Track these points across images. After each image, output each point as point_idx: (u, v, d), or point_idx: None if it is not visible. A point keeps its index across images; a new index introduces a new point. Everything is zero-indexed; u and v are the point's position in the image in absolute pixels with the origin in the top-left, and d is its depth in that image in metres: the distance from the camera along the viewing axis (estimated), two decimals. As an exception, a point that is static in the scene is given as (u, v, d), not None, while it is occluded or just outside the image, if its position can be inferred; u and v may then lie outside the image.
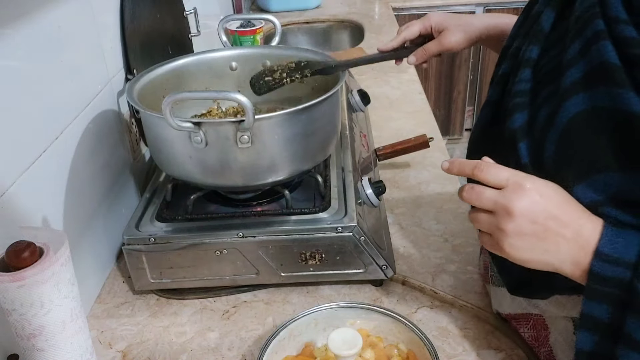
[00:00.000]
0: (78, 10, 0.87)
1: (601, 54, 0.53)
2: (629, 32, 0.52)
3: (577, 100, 0.55)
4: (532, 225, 0.54)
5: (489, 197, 0.57)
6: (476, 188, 0.58)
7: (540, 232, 0.54)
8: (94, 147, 0.90)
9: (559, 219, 0.54)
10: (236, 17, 1.74)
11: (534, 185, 0.55)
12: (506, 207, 0.55)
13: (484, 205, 0.57)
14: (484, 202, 0.57)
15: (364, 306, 0.75)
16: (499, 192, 0.56)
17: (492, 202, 0.56)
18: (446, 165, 0.61)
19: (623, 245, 0.51)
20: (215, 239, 0.82)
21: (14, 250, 0.58)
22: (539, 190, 0.55)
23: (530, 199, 0.54)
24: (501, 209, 0.55)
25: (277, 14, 2.28)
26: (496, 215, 0.56)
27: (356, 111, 1.17)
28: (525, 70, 0.63)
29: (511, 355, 0.75)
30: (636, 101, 0.50)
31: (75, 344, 0.64)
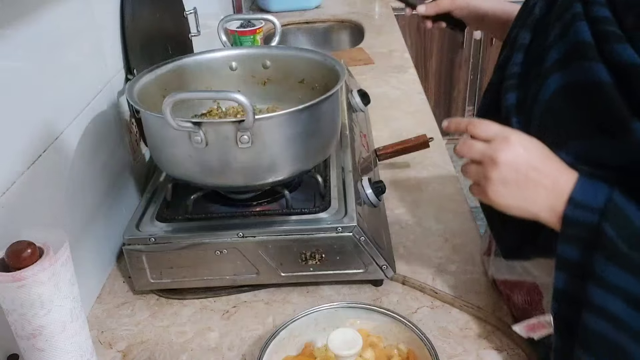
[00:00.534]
0: (78, 10, 0.87)
1: (577, 34, 0.59)
2: (603, 12, 0.57)
3: (556, 77, 0.61)
4: (514, 174, 0.60)
5: (478, 149, 0.62)
6: (468, 141, 0.64)
7: (521, 180, 0.60)
8: (94, 147, 0.90)
9: (539, 170, 0.60)
10: (236, 17, 1.74)
11: (519, 139, 0.61)
12: (492, 157, 0.61)
13: (473, 155, 0.63)
14: (473, 153, 0.63)
15: (364, 306, 0.75)
16: (487, 144, 0.62)
17: (480, 153, 0.62)
18: (445, 124, 0.68)
19: (593, 193, 0.57)
20: (216, 239, 0.82)
21: (14, 250, 0.58)
22: (523, 144, 0.61)
23: (514, 151, 0.60)
24: (488, 159, 0.61)
25: (277, 14, 2.28)
26: (483, 165, 0.62)
27: (356, 111, 1.17)
28: (518, 55, 0.70)
29: (512, 355, 0.75)
30: (603, 72, 0.56)
31: (75, 344, 0.64)
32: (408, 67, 1.77)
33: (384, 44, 2.01)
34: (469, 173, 0.65)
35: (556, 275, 0.59)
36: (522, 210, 0.61)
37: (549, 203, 0.59)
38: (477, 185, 0.64)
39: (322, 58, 0.96)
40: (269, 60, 1.02)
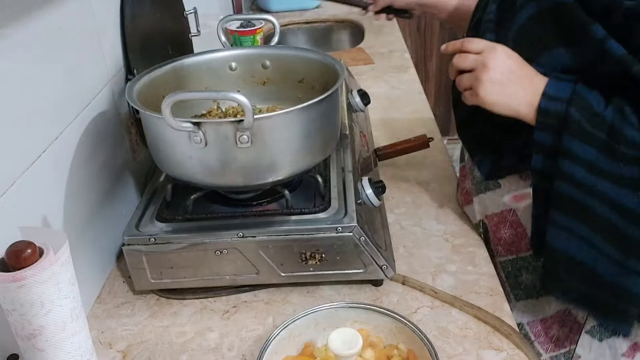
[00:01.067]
0: (78, 10, 0.87)
1: None
2: None
3: (529, 8, 0.77)
4: (500, 75, 0.74)
5: (471, 58, 0.77)
6: (462, 55, 0.78)
7: (506, 80, 0.74)
8: (94, 147, 0.90)
9: (519, 73, 0.75)
10: (236, 17, 1.74)
11: (503, 49, 0.76)
12: (483, 63, 0.75)
13: (467, 64, 0.77)
14: (467, 62, 0.77)
15: (364, 306, 0.75)
16: (479, 55, 0.77)
17: (473, 61, 0.77)
18: (443, 47, 0.82)
19: (562, 88, 0.72)
20: (215, 239, 0.82)
21: (14, 250, 0.58)
22: (507, 53, 0.76)
23: (500, 57, 0.75)
24: (479, 65, 0.76)
25: (277, 14, 2.28)
26: (476, 71, 0.76)
27: (356, 111, 1.17)
28: (491, 6, 0.86)
29: (512, 355, 0.75)
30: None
31: (76, 344, 0.64)
32: (408, 67, 1.77)
33: (384, 44, 2.01)
34: (462, 81, 0.78)
35: (534, 158, 0.74)
36: (506, 107, 0.75)
37: (528, 99, 0.74)
38: (470, 90, 0.77)
39: (321, 58, 0.96)
40: (269, 60, 1.02)
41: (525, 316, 0.90)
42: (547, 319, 0.88)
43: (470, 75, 0.77)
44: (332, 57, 0.95)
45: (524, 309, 0.90)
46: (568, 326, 0.86)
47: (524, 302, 0.90)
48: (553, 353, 0.88)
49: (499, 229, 0.92)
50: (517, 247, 0.90)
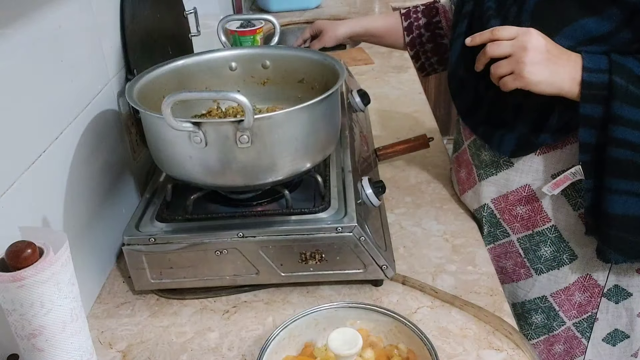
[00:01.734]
0: (78, 10, 0.87)
1: None
2: None
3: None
4: (541, 55, 0.76)
5: (507, 44, 0.78)
6: (496, 43, 0.79)
7: (546, 59, 0.76)
8: (94, 147, 0.90)
9: (556, 51, 0.77)
10: (236, 17, 1.73)
11: (535, 30, 0.78)
12: (522, 46, 0.77)
13: (504, 50, 0.78)
14: (503, 49, 0.79)
15: (364, 306, 0.75)
16: (513, 40, 0.78)
17: (510, 46, 0.78)
18: (469, 40, 0.83)
19: (598, 60, 0.76)
20: (215, 239, 0.82)
21: (14, 250, 0.58)
22: (538, 33, 0.77)
23: (537, 38, 0.77)
24: (518, 48, 0.77)
25: (277, 14, 2.28)
26: (514, 55, 0.77)
27: (356, 111, 1.17)
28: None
29: (512, 355, 0.75)
30: None
31: (75, 344, 0.64)
32: (408, 67, 1.77)
33: (384, 44, 2.00)
34: (501, 67, 0.79)
35: (581, 132, 0.77)
36: (550, 85, 0.77)
37: (570, 75, 0.76)
38: (511, 74, 0.78)
39: (321, 58, 0.96)
40: (269, 60, 1.02)
41: (548, 288, 0.94)
42: (569, 287, 0.93)
43: (509, 60, 0.78)
44: (332, 57, 0.95)
45: (546, 282, 0.94)
46: (589, 291, 0.90)
47: (546, 275, 0.94)
48: (576, 319, 0.94)
49: (514, 206, 0.94)
50: (534, 222, 0.93)
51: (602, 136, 0.76)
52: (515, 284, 0.98)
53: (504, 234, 0.97)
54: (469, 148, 1.01)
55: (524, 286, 0.97)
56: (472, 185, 1.01)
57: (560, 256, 0.92)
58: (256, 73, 1.03)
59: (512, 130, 0.87)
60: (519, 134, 0.87)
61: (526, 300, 0.98)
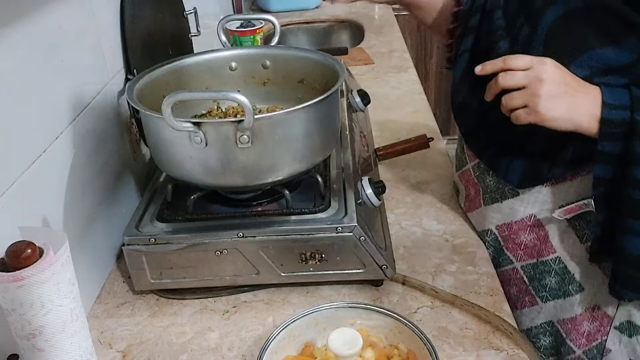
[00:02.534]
0: (78, 10, 0.87)
1: None
2: None
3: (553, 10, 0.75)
4: (558, 88, 0.71)
5: (521, 75, 0.73)
6: (509, 73, 0.73)
7: (563, 93, 0.71)
8: (94, 147, 0.90)
9: (574, 83, 0.72)
10: (236, 17, 1.74)
11: (551, 61, 0.72)
12: (538, 77, 0.71)
13: (518, 81, 0.73)
14: (517, 79, 0.73)
15: (364, 306, 0.75)
16: (528, 70, 0.72)
17: (525, 77, 0.72)
18: (479, 68, 0.77)
19: (618, 95, 0.70)
20: (216, 239, 0.82)
21: (14, 250, 0.58)
22: (555, 64, 0.72)
23: (553, 69, 0.72)
24: (533, 79, 0.71)
25: (277, 14, 2.28)
26: (529, 87, 0.72)
27: (356, 111, 1.17)
28: (497, 12, 0.83)
29: (512, 355, 0.75)
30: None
31: (75, 344, 0.64)
32: (408, 67, 1.77)
33: (384, 44, 2.01)
34: (515, 100, 0.73)
35: (598, 168, 0.72)
36: (568, 120, 0.72)
37: (588, 109, 0.71)
38: (525, 108, 0.73)
39: (321, 58, 0.96)
40: (269, 60, 1.02)
41: (555, 315, 0.90)
42: (576, 317, 0.87)
43: (523, 92, 0.72)
44: (332, 57, 0.95)
45: (552, 309, 0.90)
46: (598, 321, 0.86)
47: (552, 302, 0.89)
48: (585, 348, 0.88)
49: (518, 235, 0.90)
50: (539, 251, 0.88)
51: (618, 172, 0.71)
52: (520, 311, 0.93)
53: (508, 261, 0.93)
54: (473, 170, 0.96)
55: (529, 313, 0.92)
56: (477, 207, 0.97)
57: (566, 287, 0.87)
58: (256, 73, 1.03)
59: (520, 159, 0.83)
60: (527, 163, 0.83)
61: (532, 326, 0.93)
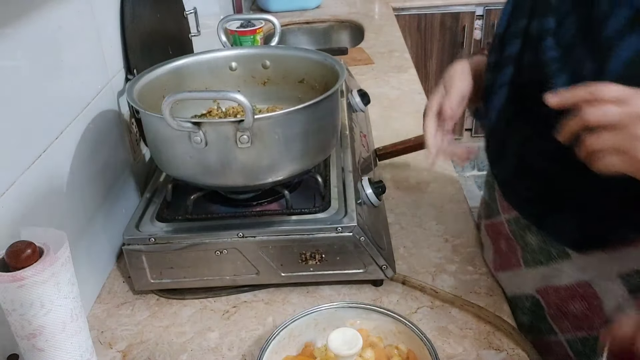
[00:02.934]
0: (78, 10, 0.87)
1: None
2: None
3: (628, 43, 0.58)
4: None
5: (615, 110, 0.55)
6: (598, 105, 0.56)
7: None
8: (94, 147, 0.90)
9: None
10: (236, 17, 1.74)
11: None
12: (638, 113, 0.54)
13: (611, 118, 0.55)
14: (610, 116, 0.55)
15: (364, 306, 0.75)
16: (623, 104, 0.55)
17: (619, 113, 0.55)
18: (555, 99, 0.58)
19: None
20: (216, 239, 0.82)
21: (14, 250, 0.58)
22: None
23: None
24: (633, 117, 0.54)
25: (277, 14, 2.28)
26: (626, 127, 0.54)
27: (356, 111, 1.17)
28: (548, 40, 0.66)
29: (512, 355, 0.75)
30: None
31: (75, 344, 0.64)
32: (408, 67, 1.77)
33: (384, 44, 2.01)
34: (605, 141, 0.56)
35: None
36: None
37: None
38: (617, 153, 0.55)
39: (321, 58, 0.96)
40: (269, 60, 1.02)
41: None
42: None
43: (618, 133, 0.55)
44: (332, 57, 0.95)
45: None
46: None
47: None
48: None
49: (566, 303, 0.75)
50: (590, 323, 0.73)
51: None
52: None
53: (550, 330, 0.79)
54: (509, 223, 0.81)
55: None
56: (513, 267, 0.82)
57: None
58: (256, 73, 1.03)
59: (577, 216, 0.67)
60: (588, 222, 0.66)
61: None
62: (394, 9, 2.54)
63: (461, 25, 2.79)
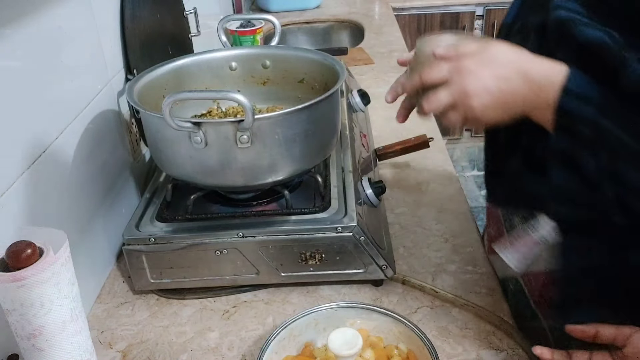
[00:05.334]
0: (78, 10, 0.87)
1: None
2: None
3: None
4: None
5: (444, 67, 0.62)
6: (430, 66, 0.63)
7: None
8: (93, 147, 0.90)
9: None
10: (236, 17, 1.74)
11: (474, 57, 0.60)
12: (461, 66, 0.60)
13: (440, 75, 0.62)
14: (438, 74, 0.62)
15: (364, 306, 0.75)
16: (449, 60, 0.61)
17: (447, 69, 0.61)
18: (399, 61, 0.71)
19: (587, 83, 0.55)
20: (215, 239, 0.82)
21: (14, 250, 0.58)
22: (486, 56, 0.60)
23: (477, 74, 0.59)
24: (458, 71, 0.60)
25: (277, 14, 2.28)
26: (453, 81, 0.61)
27: (356, 111, 1.17)
28: None
29: (512, 355, 0.75)
30: None
31: (75, 344, 0.64)
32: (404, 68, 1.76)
33: (384, 44, 2.01)
34: (439, 100, 0.62)
35: (553, 172, 0.58)
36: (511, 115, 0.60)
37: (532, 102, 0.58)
38: (452, 109, 0.62)
39: (321, 58, 0.96)
40: (269, 60, 1.02)
41: None
42: None
43: (447, 87, 0.62)
44: (332, 57, 0.95)
45: None
46: None
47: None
48: None
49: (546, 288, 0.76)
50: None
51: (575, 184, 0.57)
52: None
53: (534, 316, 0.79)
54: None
55: None
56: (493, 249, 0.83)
57: None
58: (256, 73, 1.03)
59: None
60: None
61: None
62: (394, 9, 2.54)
63: (461, 25, 2.79)
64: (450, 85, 0.61)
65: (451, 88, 0.61)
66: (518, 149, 0.67)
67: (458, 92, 0.60)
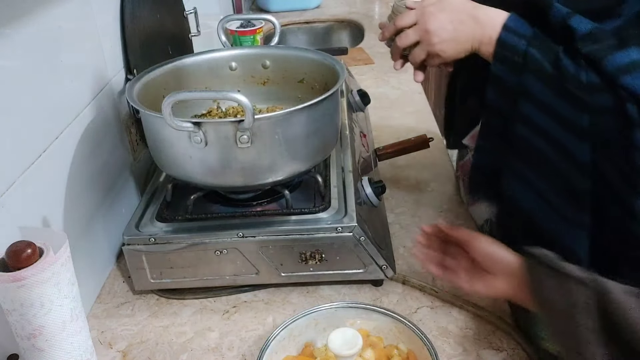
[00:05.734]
0: (78, 10, 0.87)
1: None
2: None
3: None
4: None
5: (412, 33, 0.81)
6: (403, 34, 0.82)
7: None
8: (93, 147, 0.90)
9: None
10: (236, 17, 1.73)
11: None
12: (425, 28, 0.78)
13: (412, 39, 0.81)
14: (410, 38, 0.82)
15: (364, 306, 0.75)
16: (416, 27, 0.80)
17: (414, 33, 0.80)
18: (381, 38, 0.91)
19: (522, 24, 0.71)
20: (215, 239, 0.82)
21: (14, 250, 0.58)
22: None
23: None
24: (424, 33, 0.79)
25: (277, 14, 2.28)
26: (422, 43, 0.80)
27: (356, 111, 1.17)
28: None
29: (512, 355, 0.75)
30: None
31: (75, 344, 0.64)
32: (408, 67, 1.76)
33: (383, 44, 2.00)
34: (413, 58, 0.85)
35: (488, 89, 0.73)
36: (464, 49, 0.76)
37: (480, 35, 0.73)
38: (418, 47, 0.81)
39: (321, 58, 0.96)
40: (269, 60, 1.02)
41: None
42: None
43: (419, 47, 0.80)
44: (332, 57, 0.95)
45: None
46: None
47: None
48: None
49: None
50: None
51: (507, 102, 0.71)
52: None
53: None
54: None
55: None
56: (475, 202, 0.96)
57: None
58: (256, 73, 1.03)
59: None
60: None
61: None
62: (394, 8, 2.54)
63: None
64: (416, 27, 0.79)
65: (417, 28, 0.79)
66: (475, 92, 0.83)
67: (422, 31, 0.78)
